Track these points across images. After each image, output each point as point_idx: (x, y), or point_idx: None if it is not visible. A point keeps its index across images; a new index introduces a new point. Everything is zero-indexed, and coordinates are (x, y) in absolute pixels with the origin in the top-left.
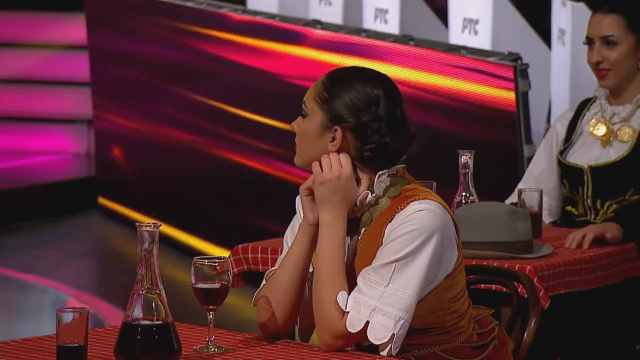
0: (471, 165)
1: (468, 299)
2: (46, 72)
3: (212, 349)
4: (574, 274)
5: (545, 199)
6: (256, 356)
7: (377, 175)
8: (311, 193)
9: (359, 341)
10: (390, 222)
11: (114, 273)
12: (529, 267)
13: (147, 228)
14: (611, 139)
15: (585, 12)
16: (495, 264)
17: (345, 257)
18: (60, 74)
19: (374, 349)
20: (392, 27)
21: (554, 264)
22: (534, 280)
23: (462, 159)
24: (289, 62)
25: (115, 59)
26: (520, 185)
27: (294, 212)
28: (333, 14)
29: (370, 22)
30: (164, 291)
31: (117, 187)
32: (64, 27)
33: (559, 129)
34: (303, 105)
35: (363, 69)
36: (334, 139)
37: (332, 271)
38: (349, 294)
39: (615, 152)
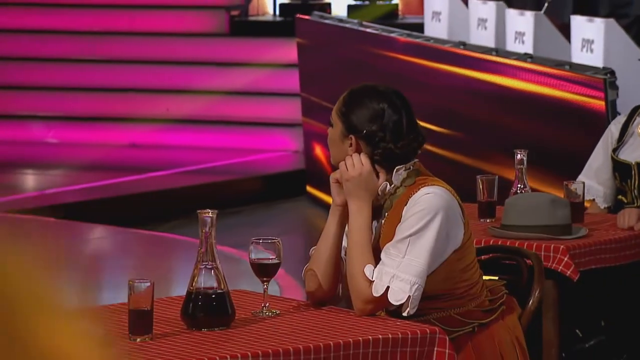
0: (525, 162)
1: (479, 270)
2: (269, 85)
3: (266, 313)
4: (605, 252)
5: (601, 188)
6: (300, 319)
7: (395, 170)
8: (338, 181)
9: (385, 305)
10: (405, 205)
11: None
12: (562, 246)
13: (207, 214)
14: None
15: None
16: (535, 244)
17: (373, 237)
18: (279, 87)
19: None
20: (527, 47)
21: (586, 244)
22: (566, 258)
23: (518, 156)
24: (441, 76)
25: (317, 74)
26: (581, 177)
27: None
28: (487, 37)
29: (511, 43)
30: (220, 265)
31: (320, 178)
32: (280, 50)
33: (614, 130)
34: (330, 117)
35: (374, 86)
36: (351, 144)
37: (360, 249)
38: (375, 267)
39: None
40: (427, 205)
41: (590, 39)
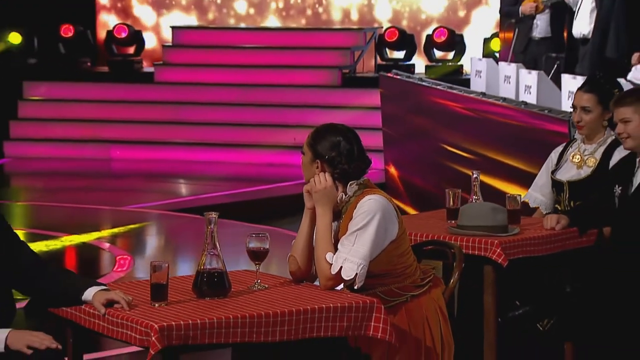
0: (478, 179)
1: (413, 255)
2: (363, 122)
3: (257, 287)
4: (530, 246)
5: (544, 199)
6: (281, 291)
7: (349, 184)
8: (308, 192)
9: (340, 281)
10: (355, 209)
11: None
12: (496, 241)
13: (211, 215)
14: (582, 165)
15: None
16: (477, 239)
17: (334, 232)
18: (369, 123)
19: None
20: (533, 96)
21: (515, 239)
22: (498, 249)
23: (473, 175)
24: (468, 116)
25: (393, 115)
26: (530, 190)
27: None
28: (510, 89)
29: (522, 94)
30: (220, 252)
31: (395, 189)
32: (371, 97)
33: (553, 157)
34: (302, 147)
35: (333, 124)
36: (317, 167)
37: (323, 241)
38: (334, 254)
39: (584, 173)
40: (369, 208)
41: (574, 91)
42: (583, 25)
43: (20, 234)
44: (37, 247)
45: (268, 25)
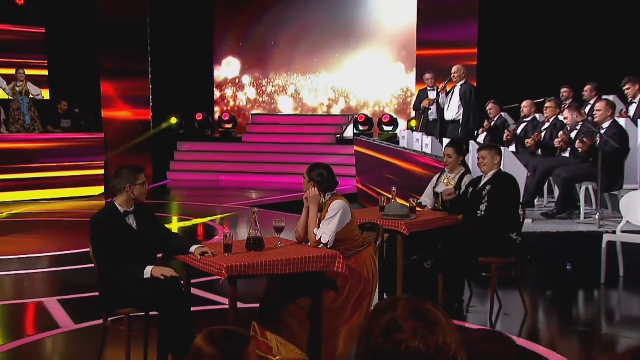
0: (396, 192)
1: (358, 230)
2: (347, 162)
3: (279, 246)
4: (422, 224)
5: (429, 201)
6: (291, 248)
7: (326, 194)
8: (306, 198)
9: (320, 244)
10: (329, 207)
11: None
12: (402, 222)
13: (255, 208)
14: (449, 184)
15: None
16: (392, 222)
17: (318, 219)
18: (350, 162)
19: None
20: (429, 149)
21: (414, 221)
22: (404, 226)
23: (393, 189)
24: (394, 162)
25: (361, 159)
26: (423, 196)
27: None
28: (419, 145)
29: (423, 148)
30: (260, 227)
31: (364, 196)
32: (349, 149)
33: (434, 179)
34: (304, 174)
35: (319, 163)
36: (311, 185)
37: (313, 223)
38: (318, 230)
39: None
40: (335, 207)
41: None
42: (452, 114)
43: (174, 219)
44: (179, 224)
45: (300, 112)
